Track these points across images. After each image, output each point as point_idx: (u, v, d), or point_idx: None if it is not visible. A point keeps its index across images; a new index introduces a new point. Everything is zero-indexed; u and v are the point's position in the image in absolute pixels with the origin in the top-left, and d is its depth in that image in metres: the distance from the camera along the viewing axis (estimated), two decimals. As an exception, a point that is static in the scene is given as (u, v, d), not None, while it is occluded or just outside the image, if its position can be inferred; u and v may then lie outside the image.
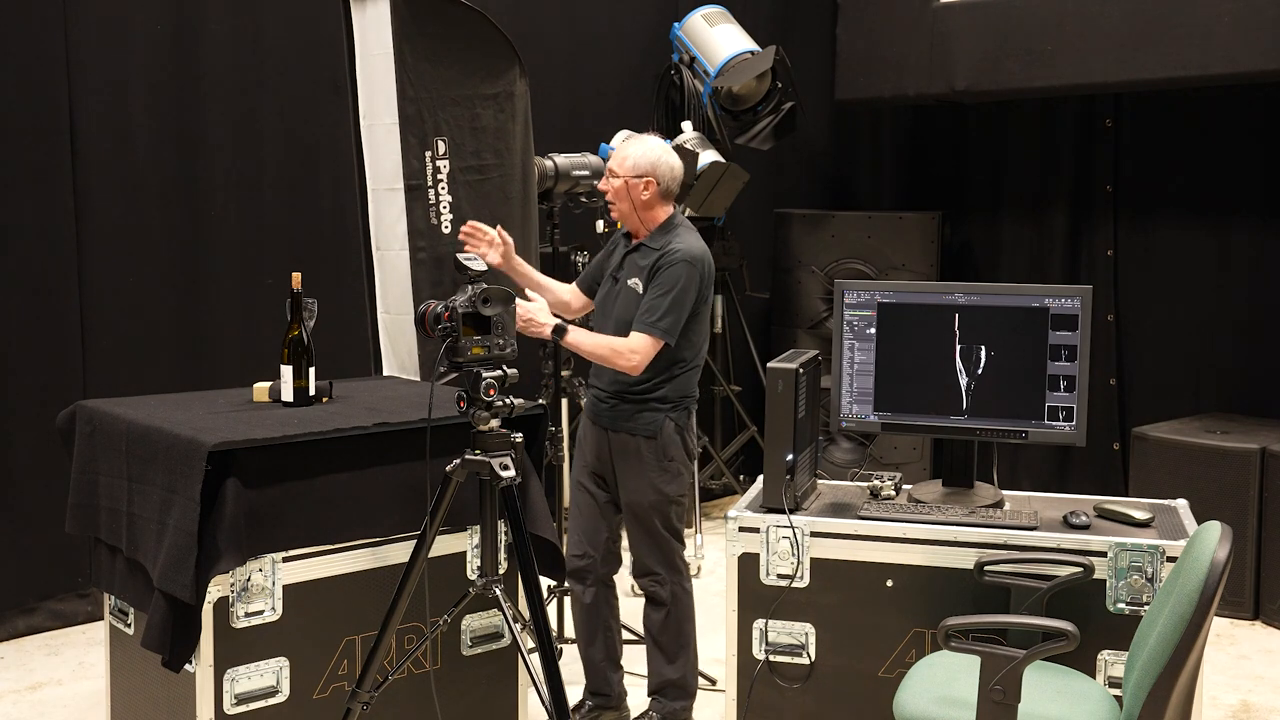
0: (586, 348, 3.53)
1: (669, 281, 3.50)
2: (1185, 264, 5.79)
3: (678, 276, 3.50)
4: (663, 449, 3.60)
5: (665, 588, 3.67)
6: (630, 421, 3.59)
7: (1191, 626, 2.34)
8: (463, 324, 2.89)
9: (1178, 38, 5.05)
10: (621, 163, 3.62)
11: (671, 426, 3.60)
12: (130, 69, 4.75)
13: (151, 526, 3.01)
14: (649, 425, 3.59)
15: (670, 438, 3.60)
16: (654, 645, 3.73)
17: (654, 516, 3.62)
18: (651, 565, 3.67)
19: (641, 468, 3.60)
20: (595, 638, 3.80)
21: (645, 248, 3.61)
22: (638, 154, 3.62)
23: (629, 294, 3.59)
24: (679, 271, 3.50)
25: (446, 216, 4.25)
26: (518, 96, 4.38)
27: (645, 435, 3.59)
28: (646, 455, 3.59)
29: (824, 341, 5.69)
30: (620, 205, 3.63)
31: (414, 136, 4.18)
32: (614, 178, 3.64)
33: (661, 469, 3.60)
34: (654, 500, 3.61)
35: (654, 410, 3.59)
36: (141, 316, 4.82)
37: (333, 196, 5.12)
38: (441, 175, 4.24)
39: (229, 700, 3.00)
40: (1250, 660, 4.52)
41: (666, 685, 3.73)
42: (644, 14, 6.20)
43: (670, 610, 3.69)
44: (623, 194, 3.61)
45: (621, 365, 3.50)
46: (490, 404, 2.90)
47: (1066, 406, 3.37)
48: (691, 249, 3.56)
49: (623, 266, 3.65)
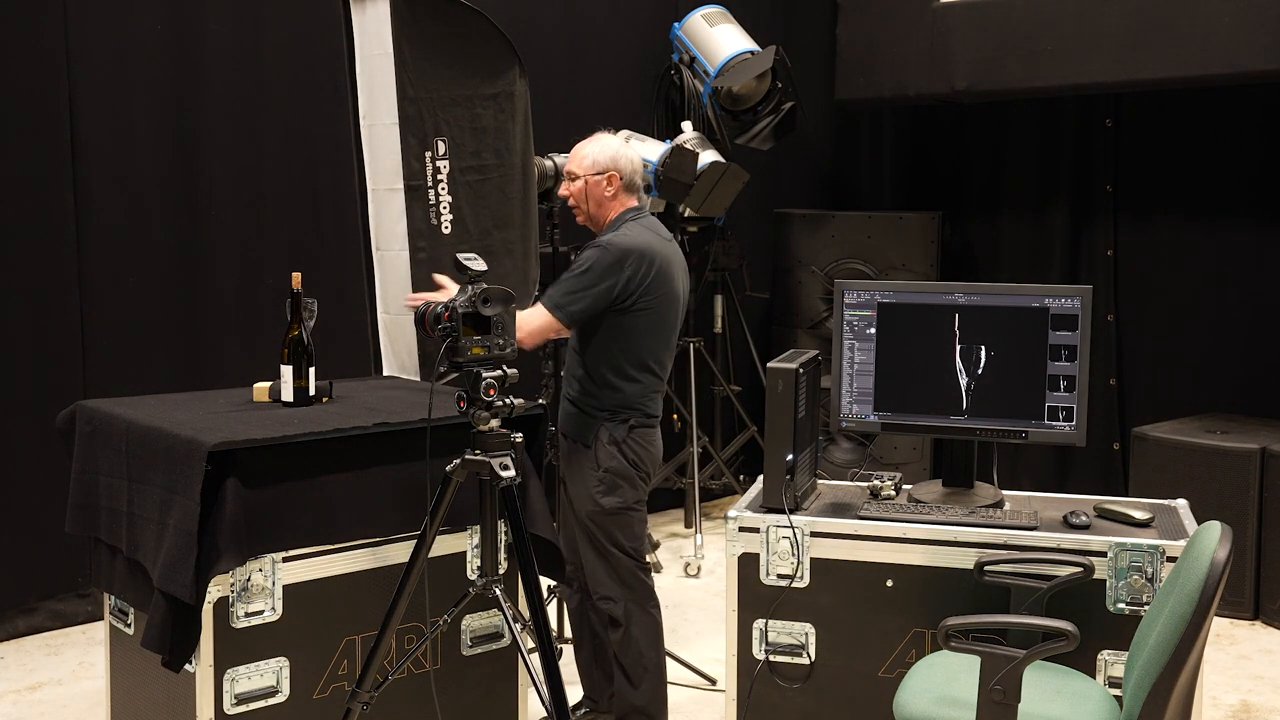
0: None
1: (579, 264, 3.42)
2: (1185, 264, 5.79)
3: (587, 260, 3.40)
4: (596, 458, 3.51)
5: (618, 605, 3.55)
6: (573, 427, 3.56)
7: (1191, 626, 2.34)
8: (463, 324, 2.89)
9: (1178, 38, 5.05)
10: (580, 162, 3.56)
11: (606, 436, 3.50)
12: (130, 69, 4.75)
13: (151, 526, 3.01)
14: (585, 433, 3.53)
15: (605, 449, 3.50)
16: (617, 666, 3.61)
17: (592, 529, 3.54)
18: (600, 580, 3.56)
19: (581, 476, 3.54)
20: (583, 643, 3.78)
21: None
22: (595, 151, 3.55)
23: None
24: (590, 256, 3.41)
25: (446, 217, 4.25)
26: (518, 96, 4.38)
27: (583, 444, 3.54)
28: (585, 464, 3.53)
29: (824, 341, 5.69)
30: (584, 207, 3.57)
31: (414, 136, 4.18)
32: (573, 179, 3.57)
33: (597, 479, 3.51)
34: (590, 511, 3.53)
35: (591, 417, 3.52)
36: (141, 316, 4.82)
37: (333, 196, 5.12)
38: (441, 175, 4.24)
39: (229, 700, 3.00)
40: (1250, 660, 4.52)
41: (630, 711, 3.58)
42: (644, 14, 6.20)
43: (627, 630, 3.55)
44: (582, 195, 3.56)
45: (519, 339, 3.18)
46: (490, 404, 2.90)
47: (1066, 406, 3.37)
48: (622, 240, 3.43)
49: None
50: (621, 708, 3.61)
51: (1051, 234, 6.21)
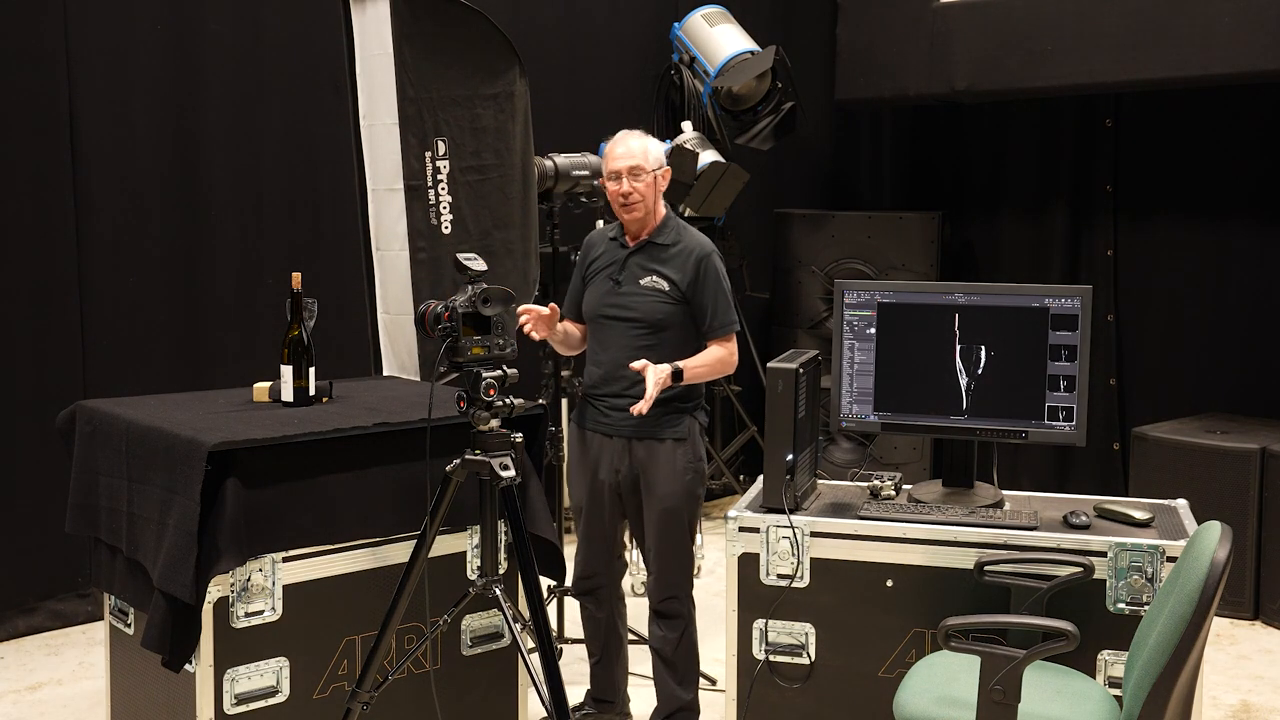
0: (704, 371, 3.52)
1: (719, 278, 3.56)
2: (1185, 264, 5.78)
3: (713, 269, 3.54)
4: (693, 450, 3.57)
5: (685, 603, 3.61)
6: (659, 426, 3.52)
7: (1191, 626, 2.34)
8: (463, 324, 2.89)
9: (1178, 38, 5.05)
10: (646, 156, 3.53)
11: (697, 428, 3.60)
12: (130, 69, 4.75)
13: (151, 526, 3.01)
14: (678, 428, 3.55)
15: (697, 439, 3.59)
16: (666, 666, 3.63)
17: (687, 522, 3.57)
18: (675, 581, 3.59)
19: (675, 473, 3.54)
20: (611, 652, 3.75)
21: (654, 245, 3.54)
22: (653, 146, 3.57)
23: (650, 293, 3.51)
24: (713, 265, 3.55)
25: (446, 217, 4.25)
26: (518, 96, 4.38)
27: (676, 438, 3.54)
28: (679, 459, 3.54)
29: (824, 341, 5.69)
30: (647, 203, 3.53)
31: (414, 136, 4.18)
32: (641, 176, 3.50)
33: (695, 471, 3.57)
34: (689, 505, 3.57)
35: (680, 412, 3.55)
36: (141, 316, 4.82)
37: (333, 196, 5.12)
38: (441, 175, 4.24)
39: (229, 700, 3.00)
40: (1250, 660, 4.52)
41: (680, 709, 3.64)
42: (644, 14, 6.20)
43: (686, 629, 3.62)
44: (651, 190, 3.53)
45: (730, 370, 3.61)
46: (490, 404, 2.90)
47: (1066, 406, 3.37)
48: (707, 240, 3.60)
49: (625, 267, 3.55)
50: (671, 706, 3.65)
51: (1051, 234, 6.21)
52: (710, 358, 3.53)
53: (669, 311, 3.51)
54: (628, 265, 3.56)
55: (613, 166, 3.54)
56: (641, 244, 3.57)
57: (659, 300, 3.51)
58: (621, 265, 3.57)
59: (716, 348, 3.55)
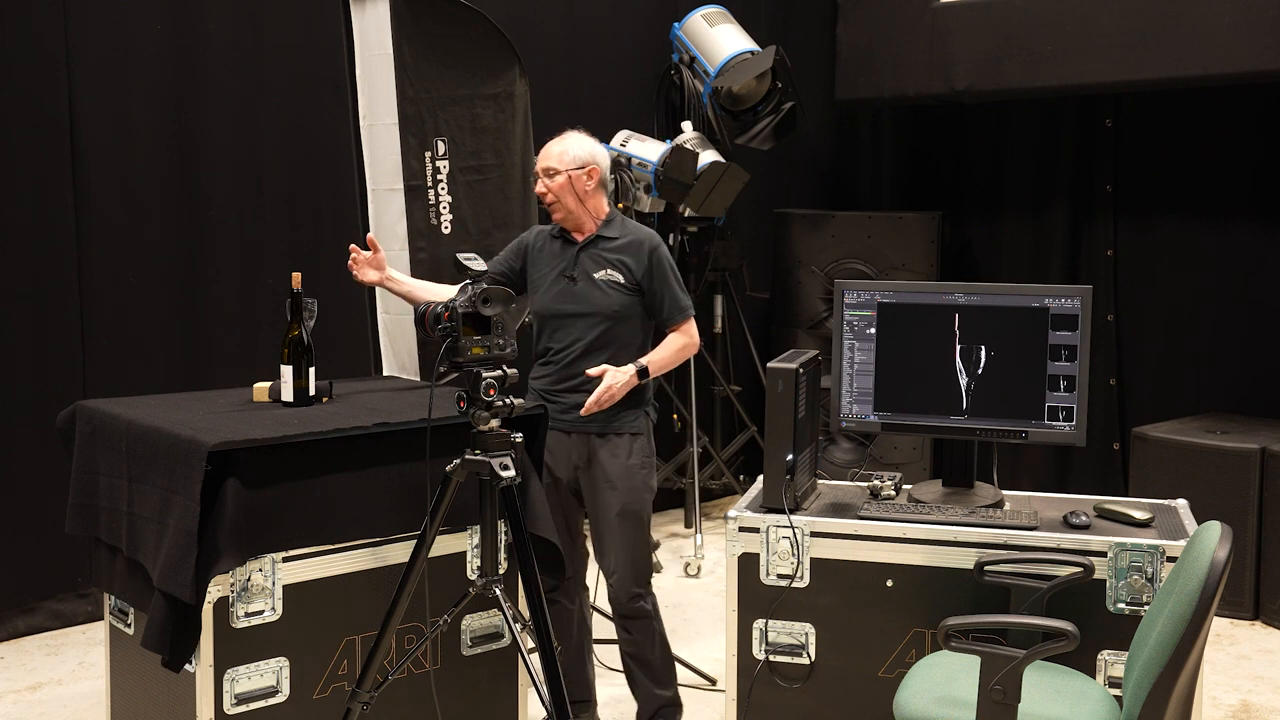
0: (669, 362, 3.59)
1: (671, 266, 3.60)
2: (1185, 264, 5.79)
3: (664, 259, 3.59)
4: (649, 444, 3.62)
5: (649, 600, 3.62)
6: (618, 421, 3.56)
7: (1191, 626, 2.34)
8: (463, 324, 2.89)
9: (1178, 38, 5.06)
10: (559, 158, 3.57)
11: (649, 423, 3.64)
12: (130, 69, 4.75)
13: (151, 526, 3.01)
14: (636, 423, 3.58)
15: (650, 433, 3.64)
16: (643, 668, 3.64)
17: (644, 517, 3.60)
18: (637, 578, 3.59)
19: (632, 468, 3.57)
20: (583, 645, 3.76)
21: (604, 239, 3.57)
22: (573, 145, 3.59)
23: (606, 287, 3.54)
24: (663, 255, 3.59)
25: (446, 217, 4.25)
26: (518, 96, 4.38)
27: (633, 433, 3.58)
28: (636, 454, 3.58)
29: (824, 341, 5.69)
30: (564, 202, 3.56)
31: (414, 136, 4.18)
32: (554, 175, 3.56)
33: (650, 466, 3.62)
34: (646, 499, 3.61)
35: (637, 406, 3.59)
36: (141, 316, 4.82)
37: (333, 196, 5.12)
38: (441, 175, 4.24)
39: (229, 700, 3.00)
40: (1250, 660, 4.52)
41: (663, 706, 3.67)
42: (644, 14, 6.20)
43: (656, 626, 3.63)
44: (566, 189, 3.55)
45: (694, 352, 3.68)
46: (490, 404, 2.90)
47: (1066, 406, 3.37)
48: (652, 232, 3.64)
49: (578, 263, 3.57)
50: (653, 706, 3.66)
51: (1051, 234, 6.21)
52: (673, 346, 3.60)
53: (625, 303, 3.55)
54: (580, 261, 3.59)
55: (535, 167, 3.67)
56: (591, 239, 3.59)
57: (616, 291, 3.55)
58: (574, 261, 3.59)
59: (676, 335, 3.61)
